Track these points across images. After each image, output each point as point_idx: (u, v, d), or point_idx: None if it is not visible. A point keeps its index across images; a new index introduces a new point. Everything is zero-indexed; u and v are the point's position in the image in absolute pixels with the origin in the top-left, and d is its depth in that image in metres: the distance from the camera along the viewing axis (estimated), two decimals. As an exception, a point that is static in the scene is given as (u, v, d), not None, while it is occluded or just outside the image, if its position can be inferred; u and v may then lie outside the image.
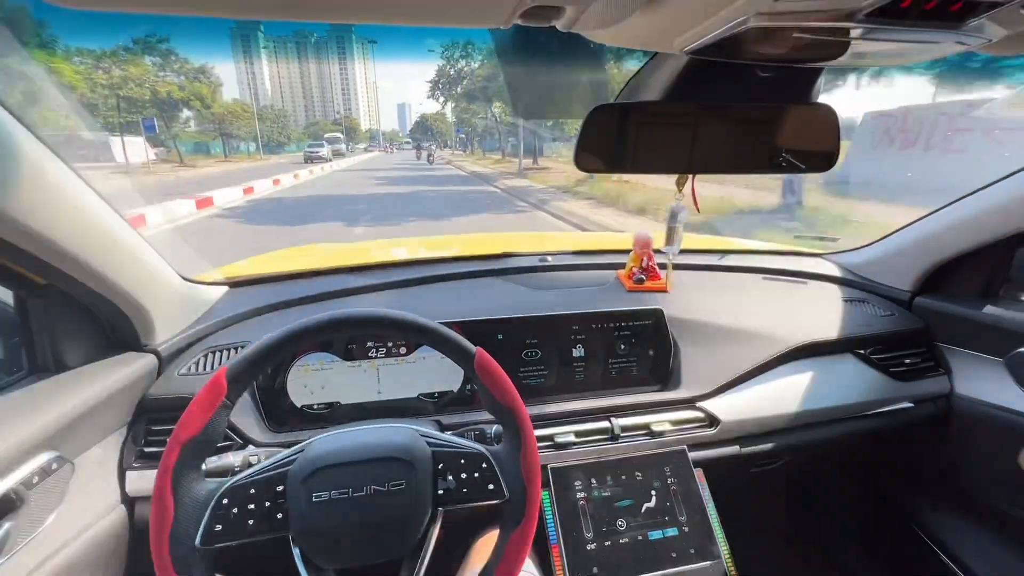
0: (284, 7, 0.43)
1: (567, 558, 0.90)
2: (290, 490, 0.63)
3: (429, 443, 0.69)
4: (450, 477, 0.67)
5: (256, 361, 0.66)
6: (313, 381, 1.02)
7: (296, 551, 0.63)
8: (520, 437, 0.70)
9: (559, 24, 0.49)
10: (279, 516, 0.62)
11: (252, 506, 0.62)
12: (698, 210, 0.86)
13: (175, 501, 0.59)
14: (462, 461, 0.68)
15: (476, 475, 0.68)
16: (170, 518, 0.59)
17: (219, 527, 0.60)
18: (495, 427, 0.90)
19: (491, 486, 0.68)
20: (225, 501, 0.61)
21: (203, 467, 0.66)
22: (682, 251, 1.27)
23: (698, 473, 1.02)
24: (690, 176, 0.81)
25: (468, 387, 1.08)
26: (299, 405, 1.01)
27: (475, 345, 0.72)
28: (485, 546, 0.92)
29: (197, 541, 0.59)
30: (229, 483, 0.63)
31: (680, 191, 0.83)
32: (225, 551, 0.61)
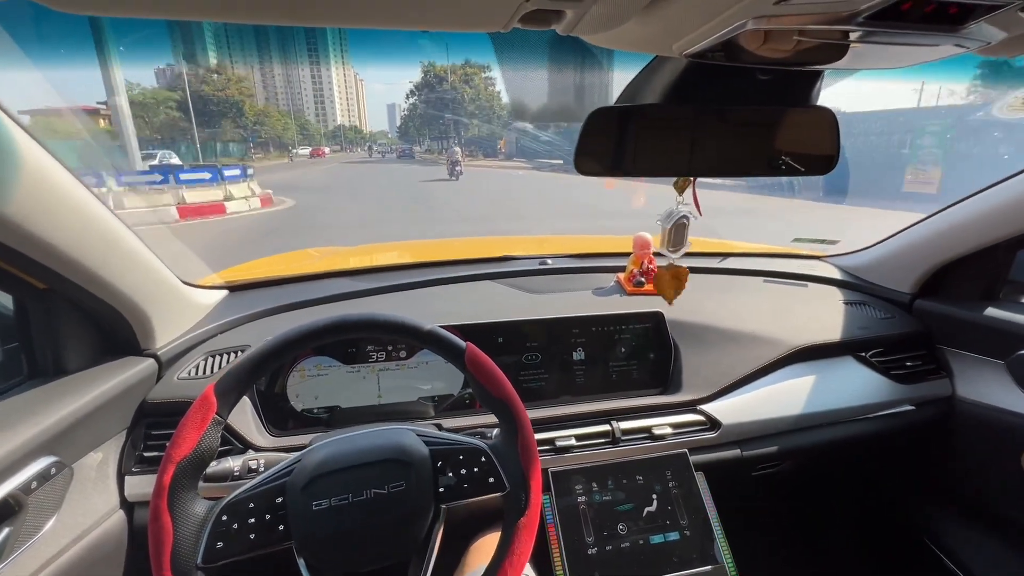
0: (277, 12, 0.43)
1: (568, 563, 0.89)
2: (290, 501, 0.62)
3: (427, 442, 0.69)
4: (450, 474, 0.67)
5: (243, 374, 0.66)
6: (312, 386, 1.02)
7: (301, 561, 0.62)
8: (516, 427, 0.70)
9: (559, 28, 0.49)
10: (281, 528, 0.62)
11: (252, 520, 0.61)
12: (700, 214, 0.86)
13: (173, 520, 0.59)
14: (461, 457, 0.69)
15: (476, 470, 0.68)
16: (169, 538, 0.58)
17: (220, 544, 0.60)
18: (495, 431, 0.90)
19: (491, 479, 0.68)
20: (224, 517, 0.61)
21: (200, 479, 0.65)
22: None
23: (699, 477, 1.02)
24: (690, 180, 0.81)
25: (468, 391, 1.07)
26: (299, 409, 1.01)
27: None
28: (483, 547, 0.92)
29: (199, 560, 0.59)
30: (227, 499, 0.62)
31: (680, 195, 0.83)
32: (229, 567, 0.60)
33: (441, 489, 0.67)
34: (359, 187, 18.46)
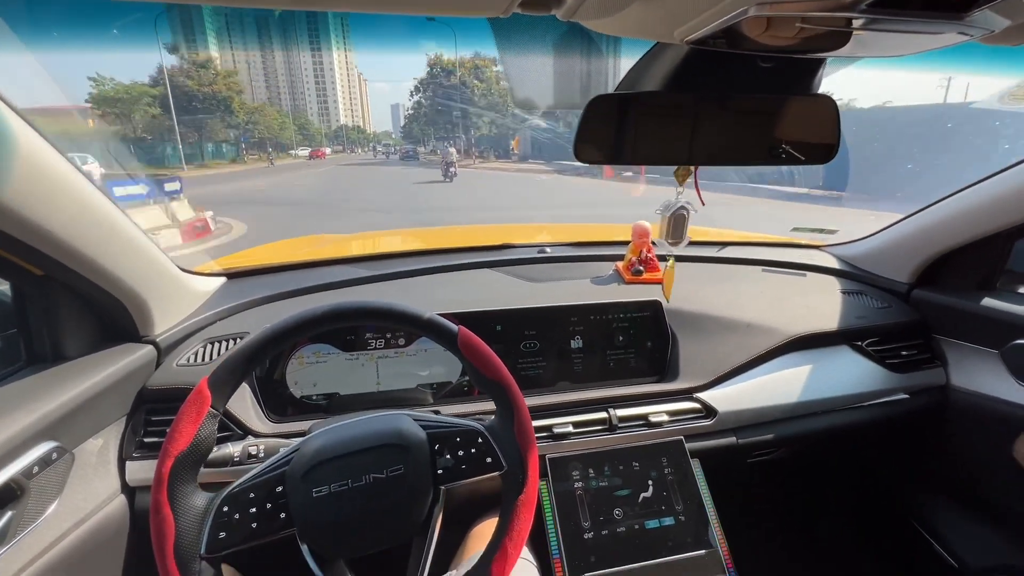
0: None
1: (564, 547, 0.90)
2: (290, 489, 0.63)
3: (423, 425, 0.70)
4: (447, 455, 0.68)
5: (238, 364, 0.66)
6: (311, 372, 1.03)
7: (304, 547, 0.63)
8: (511, 407, 0.71)
9: (559, 13, 0.48)
10: (282, 516, 0.63)
11: (254, 509, 0.62)
12: (703, 203, 0.85)
13: (174, 512, 0.59)
14: (458, 439, 0.69)
15: (473, 450, 0.69)
16: (171, 530, 0.59)
17: (223, 534, 0.60)
18: (492, 417, 0.91)
19: (489, 459, 0.69)
20: (226, 508, 0.62)
21: (200, 467, 0.66)
22: None
23: (695, 463, 1.03)
24: (692, 169, 0.80)
25: (466, 378, 1.08)
26: (298, 396, 1.01)
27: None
28: (483, 532, 0.93)
29: (202, 550, 0.59)
30: (228, 490, 0.63)
31: (681, 184, 0.83)
32: (232, 556, 0.61)
33: (439, 471, 0.68)
34: (351, 193, 15.92)
